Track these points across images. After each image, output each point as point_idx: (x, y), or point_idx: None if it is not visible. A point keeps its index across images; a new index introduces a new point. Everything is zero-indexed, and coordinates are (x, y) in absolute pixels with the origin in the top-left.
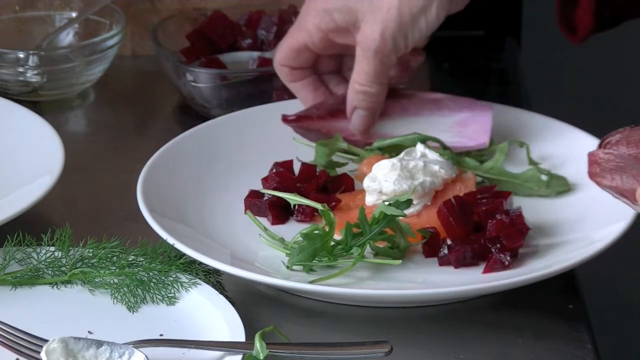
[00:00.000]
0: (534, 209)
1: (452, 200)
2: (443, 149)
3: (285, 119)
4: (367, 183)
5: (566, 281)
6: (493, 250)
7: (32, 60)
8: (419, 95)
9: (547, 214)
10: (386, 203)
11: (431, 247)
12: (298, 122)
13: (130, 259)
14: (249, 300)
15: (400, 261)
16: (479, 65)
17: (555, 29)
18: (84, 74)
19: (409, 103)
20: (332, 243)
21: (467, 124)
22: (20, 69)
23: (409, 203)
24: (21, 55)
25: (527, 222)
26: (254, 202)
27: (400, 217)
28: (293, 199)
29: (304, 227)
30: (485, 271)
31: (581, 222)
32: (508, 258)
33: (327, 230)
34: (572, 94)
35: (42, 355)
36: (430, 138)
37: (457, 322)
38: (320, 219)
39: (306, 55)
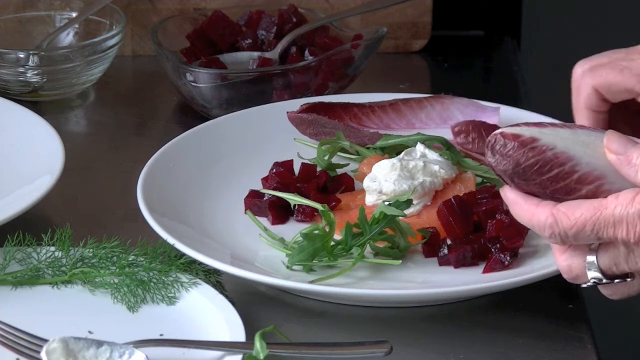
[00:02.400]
0: None
1: (452, 200)
2: (447, 147)
3: (299, 109)
4: (367, 183)
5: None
6: (493, 250)
7: (32, 60)
8: (425, 108)
9: None
10: (386, 203)
11: (431, 247)
12: (307, 111)
13: (130, 259)
14: (249, 300)
15: (400, 261)
16: (479, 65)
17: (555, 29)
18: (84, 74)
19: (415, 118)
20: (332, 243)
21: None
22: (21, 69)
23: (409, 203)
24: (21, 55)
25: None
26: (254, 202)
27: (400, 217)
28: (293, 199)
29: (304, 227)
30: (485, 271)
31: None
32: (508, 258)
33: (327, 230)
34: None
35: (42, 355)
36: (433, 138)
37: (457, 322)
38: (320, 219)
39: (624, 95)
